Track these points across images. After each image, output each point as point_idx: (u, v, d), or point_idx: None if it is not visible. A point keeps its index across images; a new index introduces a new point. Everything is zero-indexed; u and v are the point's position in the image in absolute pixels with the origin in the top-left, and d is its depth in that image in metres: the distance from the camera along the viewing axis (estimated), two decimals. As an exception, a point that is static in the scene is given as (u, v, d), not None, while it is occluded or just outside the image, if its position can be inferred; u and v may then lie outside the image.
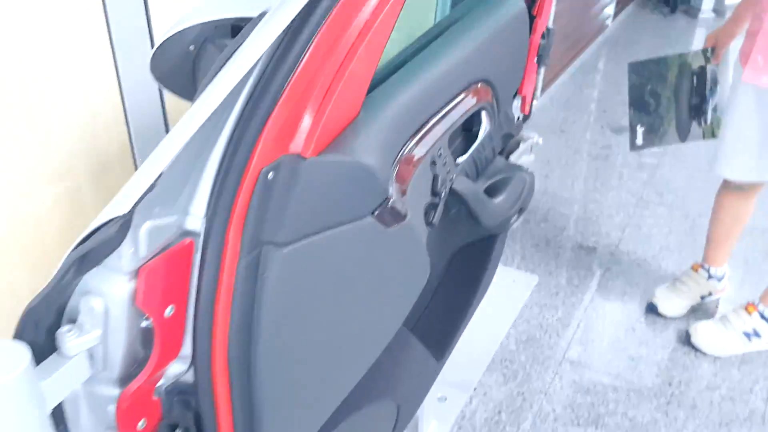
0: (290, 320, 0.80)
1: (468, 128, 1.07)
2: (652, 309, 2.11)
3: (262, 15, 0.72)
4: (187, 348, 0.78)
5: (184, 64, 0.91)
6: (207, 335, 0.75)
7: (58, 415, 0.75)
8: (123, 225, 0.61)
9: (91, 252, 0.62)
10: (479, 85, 1.01)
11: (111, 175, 1.06)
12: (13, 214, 0.92)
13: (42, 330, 0.67)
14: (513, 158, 1.33)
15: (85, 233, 0.63)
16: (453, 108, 0.94)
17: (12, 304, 0.95)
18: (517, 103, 1.32)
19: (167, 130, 1.14)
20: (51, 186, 0.97)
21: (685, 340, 1.99)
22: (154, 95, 1.08)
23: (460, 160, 1.04)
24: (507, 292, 2.15)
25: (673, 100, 1.97)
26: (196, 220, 0.72)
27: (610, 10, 3.93)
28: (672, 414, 1.79)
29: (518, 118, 1.33)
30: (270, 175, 0.72)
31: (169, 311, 0.73)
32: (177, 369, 0.79)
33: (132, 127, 1.06)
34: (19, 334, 0.65)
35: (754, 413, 1.79)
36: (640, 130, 1.99)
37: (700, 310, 2.11)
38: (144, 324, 0.73)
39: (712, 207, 2.05)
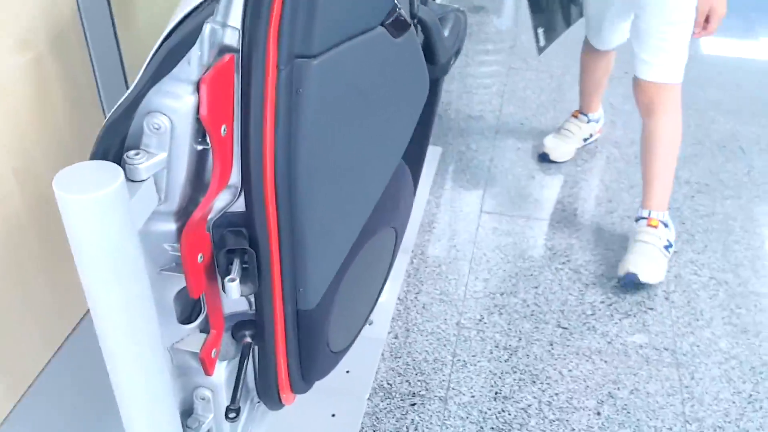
0: (324, 133, 0.83)
1: None
2: (544, 158, 2.30)
3: None
4: (234, 176, 0.79)
5: None
6: (259, 153, 0.76)
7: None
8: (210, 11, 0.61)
9: (177, 47, 0.62)
10: None
11: (66, 46, 1.00)
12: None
13: (110, 156, 0.66)
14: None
15: (168, 29, 0.62)
16: None
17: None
18: None
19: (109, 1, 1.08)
20: (18, 56, 0.90)
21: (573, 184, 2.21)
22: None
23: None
24: (415, 165, 2.24)
25: None
26: (233, 34, 0.72)
27: None
28: (584, 237, 2.01)
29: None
30: None
31: (223, 130, 0.73)
32: (223, 201, 0.80)
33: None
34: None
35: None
36: (540, 31, 2.05)
37: (585, 151, 2.34)
38: (201, 147, 0.73)
39: (580, 65, 2.23)
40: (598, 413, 1.53)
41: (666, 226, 1.89)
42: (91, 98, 1.07)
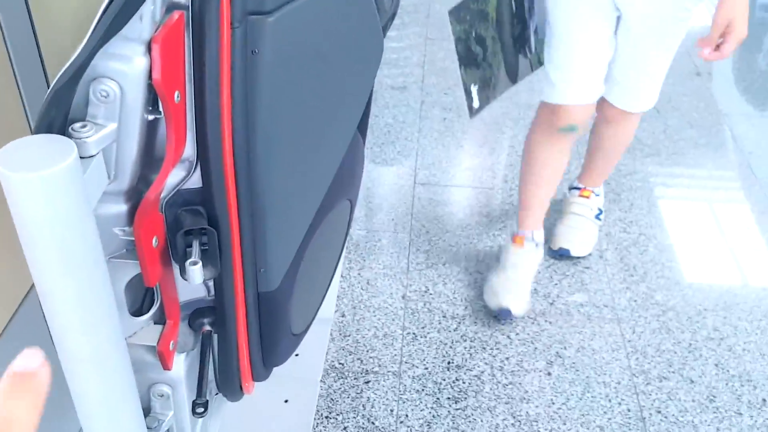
0: (283, 99, 0.77)
1: None
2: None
3: None
4: (188, 149, 0.72)
5: None
6: (216, 122, 0.70)
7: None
8: None
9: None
10: None
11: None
12: None
13: (54, 130, 0.58)
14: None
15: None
16: None
17: None
18: None
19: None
20: None
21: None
22: None
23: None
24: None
25: (498, 38, 1.66)
26: None
27: None
28: (517, 203, 2.02)
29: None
30: None
31: (177, 96, 0.66)
32: (176, 177, 0.73)
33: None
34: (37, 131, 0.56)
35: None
36: (474, 89, 1.66)
37: (509, 119, 2.36)
38: (152, 117, 0.66)
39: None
40: (549, 373, 1.55)
41: (597, 195, 1.92)
42: (6, 79, 0.96)
